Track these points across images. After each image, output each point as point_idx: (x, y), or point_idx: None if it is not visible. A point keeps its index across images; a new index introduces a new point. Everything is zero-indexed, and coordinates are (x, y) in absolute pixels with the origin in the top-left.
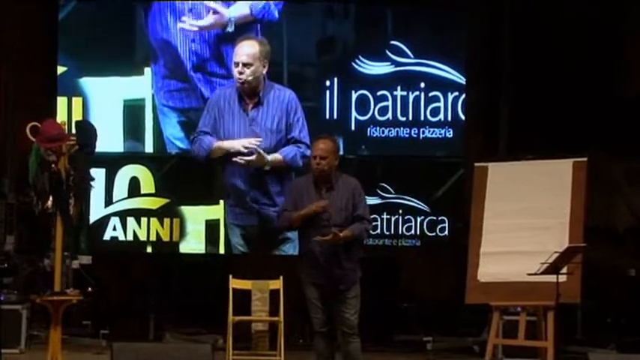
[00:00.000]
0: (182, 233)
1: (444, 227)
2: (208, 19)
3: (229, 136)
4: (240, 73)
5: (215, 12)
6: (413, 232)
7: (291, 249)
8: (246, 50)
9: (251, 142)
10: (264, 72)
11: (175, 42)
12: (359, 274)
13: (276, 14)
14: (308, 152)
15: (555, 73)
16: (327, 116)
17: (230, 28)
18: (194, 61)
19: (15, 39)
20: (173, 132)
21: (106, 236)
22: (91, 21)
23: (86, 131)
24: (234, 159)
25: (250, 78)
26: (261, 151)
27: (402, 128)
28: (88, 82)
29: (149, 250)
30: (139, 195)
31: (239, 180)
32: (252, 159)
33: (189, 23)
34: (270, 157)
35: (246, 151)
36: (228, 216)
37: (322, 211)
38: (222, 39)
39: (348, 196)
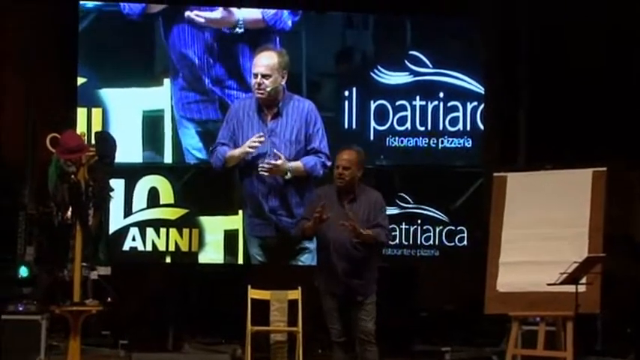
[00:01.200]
0: (201, 243)
1: (463, 237)
2: (217, 14)
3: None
4: (259, 84)
5: (225, 9)
6: (432, 242)
7: (309, 259)
8: (265, 61)
9: (254, 140)
10: (283, 83)
11: (193, 56)
12: (375, 285)
13: (290, 24)
14: (329, 163)
15: (574, 82)
16: (346, 126)
17: (239, 29)
18: (212, 75)
19: (35, 50)
20: (192, 142)
21: (126, 247)
22: (110, 32)
23: (105, 142)
24: (260, 165)
25: (269, 89)
26: (283, 157)
27: (420, 138)
28: (107, 93)
29: (168, 260)
30: (158, 205)
31: (257, 190)
32: (277, 163)
33: (196, 14)
34: (291, 165)
35: (252, 151)
36: (246, 227)
37: (325, 215)
38: (241, 52)
39: (370, 209)
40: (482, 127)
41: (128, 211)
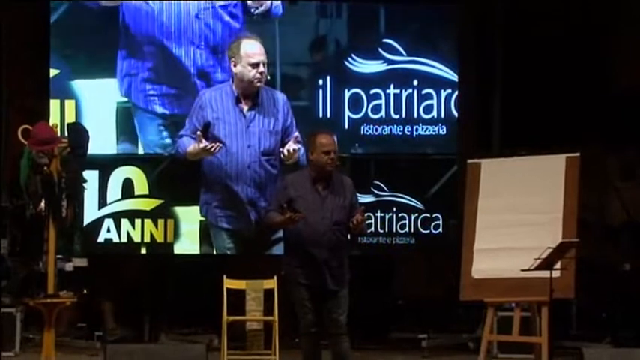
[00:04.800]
0: (176, 234)
1: (438, 224)
2: None
3: (228, 137)
4: (261, 73)
5: None
6: (407, 229)
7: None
8: (260, 49)
9: (215, 148)
10: None
11: (177, 50)
12: (349, 274)
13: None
14: (302, 151)
15: (547, 68)
16: (321, 115)
17: None
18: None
19: (7, 42)
20: (154, 139)
21: (100, 238)
22: (83, 23)
23: (78, 134)
24: (287, 148)
25: (266, 77)
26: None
27: (395, 126)
28: (80, 85)
29: (143, 251)
30: (133, 196)
31: (233, 181)
32: (297, 148)
33: None
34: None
35: (213, 154)
36: (210, 218)
37: (296, 221)
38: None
39: (345, 194)
40: (456, 114)
41: (103, 203)
